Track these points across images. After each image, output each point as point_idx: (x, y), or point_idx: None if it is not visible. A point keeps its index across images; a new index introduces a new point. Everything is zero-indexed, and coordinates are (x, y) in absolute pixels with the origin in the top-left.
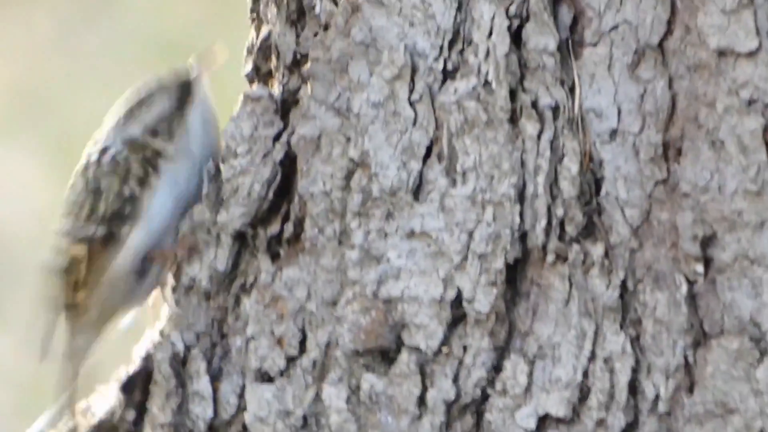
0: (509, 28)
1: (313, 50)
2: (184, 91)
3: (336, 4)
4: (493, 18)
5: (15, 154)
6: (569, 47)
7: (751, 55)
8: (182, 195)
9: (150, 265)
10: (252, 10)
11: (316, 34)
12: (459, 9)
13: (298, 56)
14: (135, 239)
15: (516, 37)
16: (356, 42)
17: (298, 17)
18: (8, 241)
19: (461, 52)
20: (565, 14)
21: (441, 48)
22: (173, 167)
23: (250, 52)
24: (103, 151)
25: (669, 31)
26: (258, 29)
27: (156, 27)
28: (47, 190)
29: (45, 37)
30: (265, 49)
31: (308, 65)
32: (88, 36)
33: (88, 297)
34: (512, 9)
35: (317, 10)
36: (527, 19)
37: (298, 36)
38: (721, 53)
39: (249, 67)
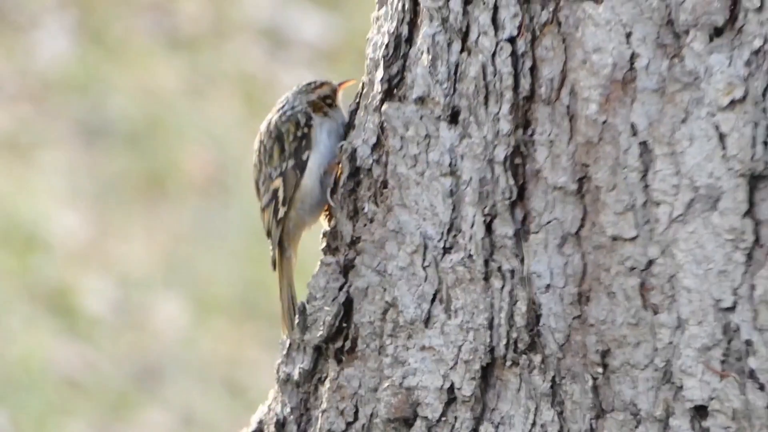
0: (484, 221)
1: (363, 234)
2: (336, 89)
3: (377, 206)
4: (474, 216)
5: (168, 300)
6: (521, 234)
7: (633, 239)
8: (328, 131)
9: (324, 177)
10: (325, 209)
11: (365, 225)
12: (454, 210)
13: (354, 238)
14: (313, 160)
15: (488, 228)
16: (390, 230)
17: (354, 214)
18: (162, 354)
19: (454, 236)
20: (519, 213)
21: (443, 234)
22: (322, 121)
23: (324, 235)
24: (291, 108)
25: (582, 225)
26: (329, 220)
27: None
28: (188, 323)
29: (187, 223)
30: (334, 233)
31: (360, 244)
32: (217, 220)
33: (288, 210)
34: (486, 210)
35: (366, 209)
36: (495, 216)
37: (354, 226)
38: (615, 238)
39: (324, 244)
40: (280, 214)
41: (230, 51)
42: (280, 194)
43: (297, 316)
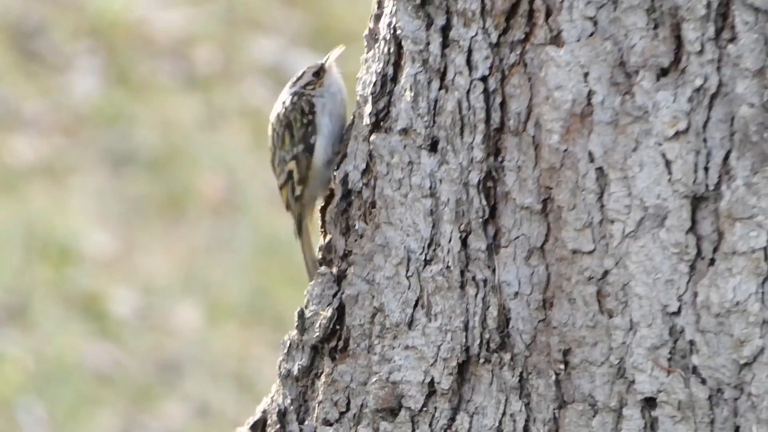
0: (460, 237)
1: (354, 248)
2: (320, 69)
3: (366, 224)
4: (451, 232)
5: (185, 305)
6: (493, 247)
7: (590, 253)
8: (330, 113)
9: (332, 157)
10: (321, 227)
11: (356, 240)
12: (433, 227)
13: (346, 251)
14: (320, 143)
15: (464, 242)
16: (378, 244)
17: (346, 231)
18: (180, 353)
19: (434, 250)
20: (490, 230)
21: (424, 248)
22: (321, 101)
23: (320, 249)
24: (284, 102)
25: (546, 239)
26: (324, 236)
27: (268, 227)
28: (203, 326)
29: (202, 239)
30: (328, 248)
31: (352, 257)
32: (228, 236)
33: (303, 189)
34: (462, 227)
35: (356, 227)
36: (470, 232)
37: (346, 241)
38: (575, 252)
39: (320, 257)
40: (297, 192)
41: (239, 89)
42: (295, 175)
43: (296, 319)
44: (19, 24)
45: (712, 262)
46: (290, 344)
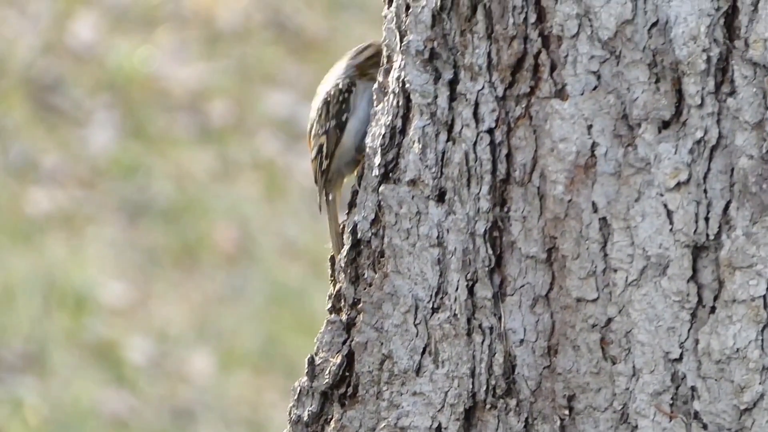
0: (467, 285)
1: (363, 297)
2: (379, 49)
3: (375, 272)
4: (458, 281)
5: (199, 353)
6: (498, 295)
7: (594, 301)
8: (369, 98)
9: (362, 140)
10: (330, 275)
11: (365, 288)
12: (441, 275)
13: (356, 299)
14: (352, 122)
15: (471, 291)
16: (386, 293)
17: (355, 280)
18: (194, 399)
19: (441, 298)
20: (496, 278)
21: (431, 296)
22: (366, 83)
23: (330, 297)
24: (337, 84)
25: (551, 288)
26: (334, 285)
27: (279, 277)
28: (216, 373)
29: (216, 288)
30: (338, 296)
31: (361, 305)
32: (241, 286)
33: (330, 164)
34: (468, 275)
35: (366, 276)
36: (476, 281)
37: (355, 289)
38: (579, 300)
39: (329, 305)
40: (324, 166)
41: (252, 142)
42: (324, 149)
43: (306, 366)
44: (39, 78)
45: (712, 309)
46: (300, 390)
